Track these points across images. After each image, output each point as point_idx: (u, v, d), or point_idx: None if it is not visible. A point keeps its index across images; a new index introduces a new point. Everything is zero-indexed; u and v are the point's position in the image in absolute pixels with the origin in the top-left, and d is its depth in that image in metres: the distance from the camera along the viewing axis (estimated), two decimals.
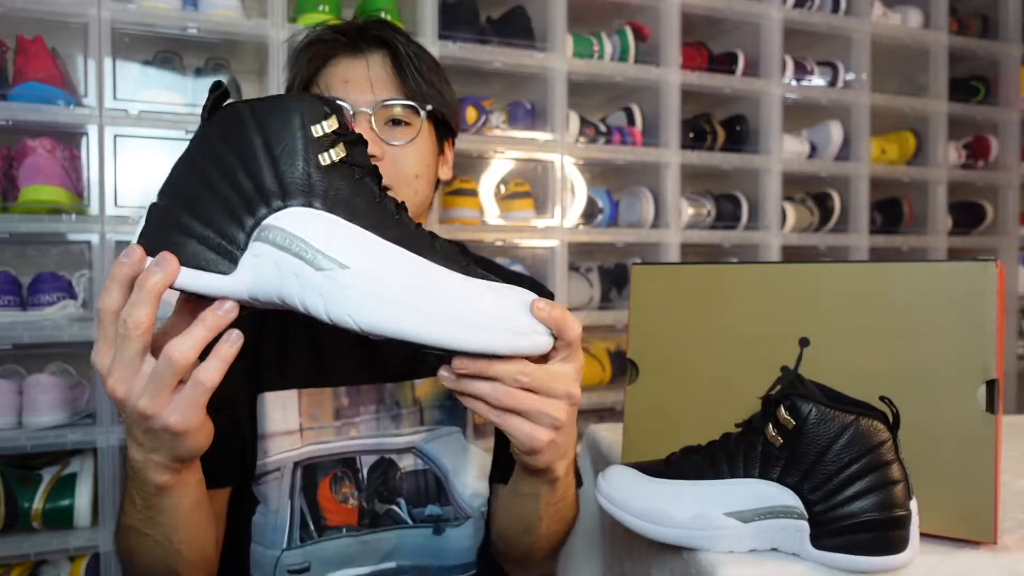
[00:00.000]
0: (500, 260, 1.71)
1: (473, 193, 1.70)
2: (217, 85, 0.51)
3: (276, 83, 1.44)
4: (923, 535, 0.56)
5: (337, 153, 0.50)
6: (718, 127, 1.94)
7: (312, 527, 0.78)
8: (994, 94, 2.27)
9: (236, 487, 0.79)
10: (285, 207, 0.49)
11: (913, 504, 0.54)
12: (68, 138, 1.40)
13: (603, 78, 1.79)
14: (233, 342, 0.49)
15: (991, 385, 0.58)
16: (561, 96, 1.70)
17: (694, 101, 1.96)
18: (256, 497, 0.78)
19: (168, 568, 0.65)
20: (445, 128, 0.86)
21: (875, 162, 2.07)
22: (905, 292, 0.62)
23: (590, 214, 1.80)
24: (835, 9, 2.00)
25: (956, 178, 2.17)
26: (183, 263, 0.48)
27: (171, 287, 0.49)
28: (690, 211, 1.89)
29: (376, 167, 0.53)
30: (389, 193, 0.54)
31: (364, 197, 0.50)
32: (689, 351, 0.72)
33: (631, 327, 0.75)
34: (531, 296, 0.51)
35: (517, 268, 1.71)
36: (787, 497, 0.55)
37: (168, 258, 0.48)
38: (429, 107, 0.80)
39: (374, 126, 0.77)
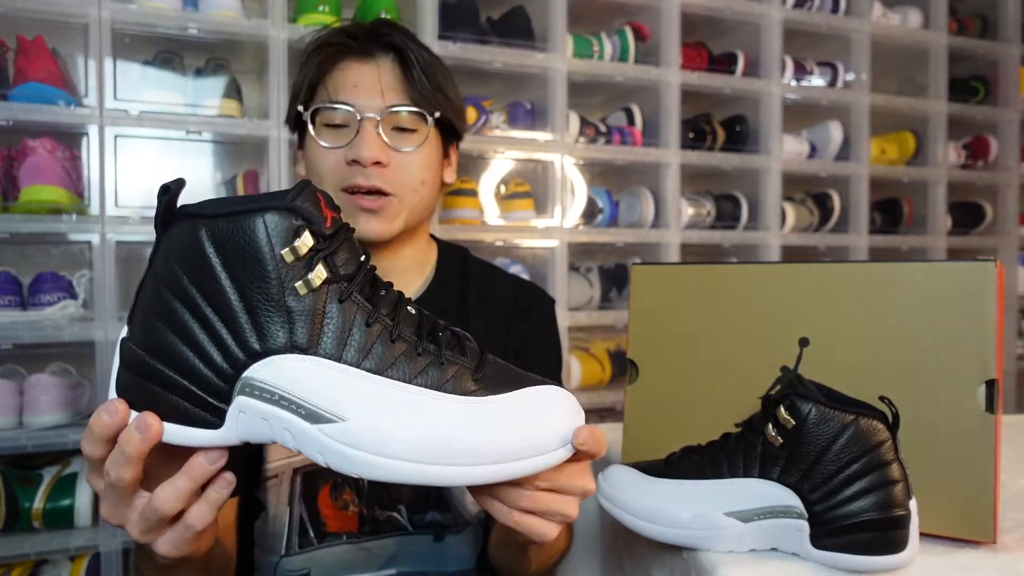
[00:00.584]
0: (500, 260, 1.72)
1: (473, 193, 1.70)
2: (164, 189, 0.44)
3: (276, 83, 1.44)
4: (923, 535, 0.56)
5: (317, 277, 0.43)
6: (718, 127, 1.94)
7: (312, 534, 0.78)
8: (994, 94, 2.27)
9: (244, 493, 0.79)
10: (264, 354, 0.43)
11: (913, 504, 0.54)
12: (68, 138, 1.40)
13: (603, 78, 1.79)
14: (223, 488, 0.46)
15: (991, 385, 0.58)
16: (561, 96, 1.70)
17: (694, 101, 1.96)
18: (258, 502, 0.78)
19: None
20: (451, 133, 0.86)
21: (875, 162, 2.07)
22: (905, 292, 0.62)
23: (590, 214, 1.80)
24: (835, 9, 2.01)
25: (956, 178, 2.17)
26: (167, 418, 0.44)
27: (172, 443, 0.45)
28: (690, 211, 1.89)
29: (365, 263, 0.46)
30: (383, 283, 0.47)
31: (355, 324, 0.43)
32: (689, 351, 0.72)
33: (631, 327, 0.76)
34: (555, 400, 0.46)
35: (517, 268, 1.71)
36: (787, 497, 0.55)
37: (149, 422, 0.43)
38: (437, 114, 0.80)
39: (381, 132, 0.77)
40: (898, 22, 2.13)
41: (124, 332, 0.46)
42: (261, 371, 0.43)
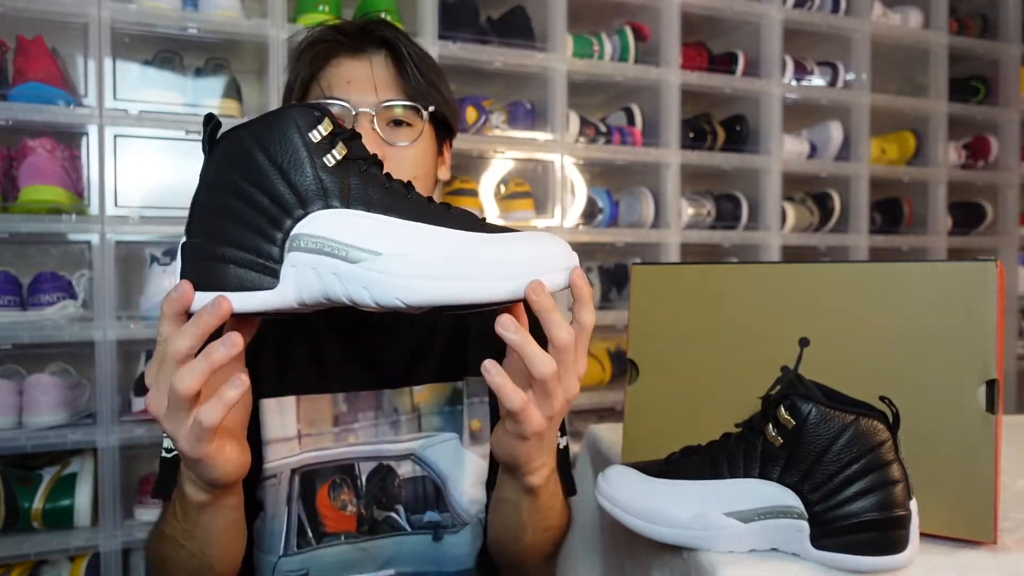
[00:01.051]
0: None
1: (473, 193, 1.70)
2: (209, 118, 0.54)
3: (276, 83, 1.44)
4: (923, 535, 0.56)
5: (339, 152, 0.53)
6: (718, 127, 1.94)
7: (310, 534, 0.78)
8: (994, 94, 2.27)
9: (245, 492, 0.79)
10: (307, 214, 0.51)
11: (913, 504, 0.54)
12: (68, 138, 1.40)
13: (603, 78, 1.79)
14: (236, 386, 0.50)
15: (991, 385, 0.58)
16: (561, 96, 1.70)
17: (694, 101, 1.96)
18: (257, 503, 0.78)
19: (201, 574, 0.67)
20: (445, 129, 0.85)
21: (875, 162, 2.07)
22: (905, 292, 0.62)
23: (590, 214, 1.80)
24: (835, 9, 2.01)
25: (956, 178, 2.17)
26: (229, 288, 0.51)
27: (236, 311, 0.52)
28: (690, 211, 1.89)
29: (375, 155, 0.55)
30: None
31: (375, 186, 0.53)
32: (689, 351, 0.72)
33: (631, 327, 0.75)
34: (547, 236, 0.53)
35: None
36: (787, 497, 0.55)
37: (221, 302, 0.50)
38: (431, 108, 0.80)
39: (376, 127, 0.77)
40: (898, 22, 2.13)
41: (183, 240, 0.54)
42: (305, 226, 0.51)
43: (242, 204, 0.52)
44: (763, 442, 0.56)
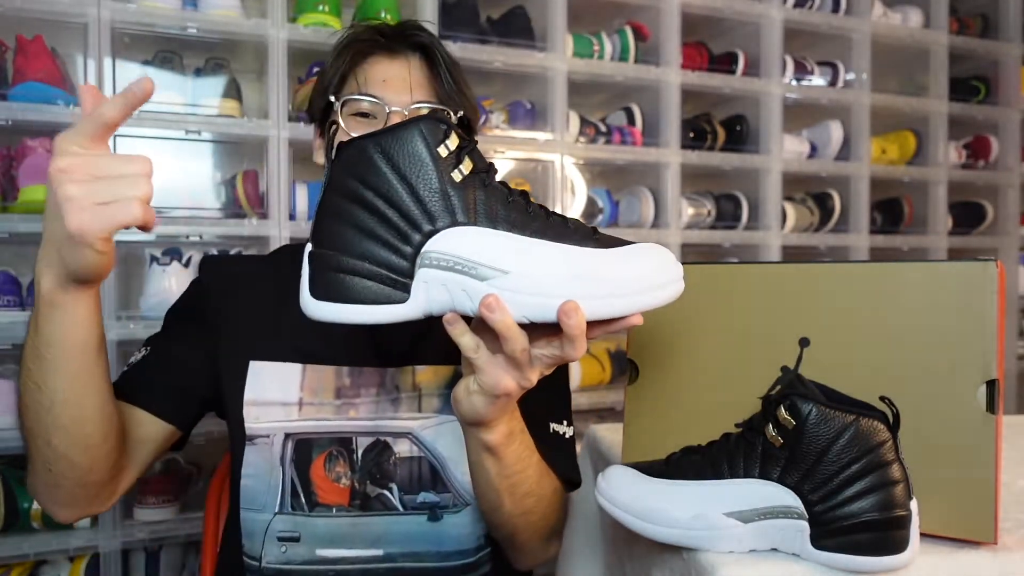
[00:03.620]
0: None
1: None
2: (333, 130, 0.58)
3: (276, 83, 1.44)
4: (923, 535, 0.56)
5: (466, 167, 0.54)
6: (718, 127, 1.94)
7: (303, 499, 0.80)
8: (994, 94, 2.27)
9: (231, 453, 0.81)
10: (436, 231, 0.53)
11: (913, 504, 0.54)
12: None
13: (603, 78, 1.79)
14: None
15: (991, 385, 0.58)
16: (561, 96, 1.70)
17: (694, 101, 1.96)
18: (246, 459, 0.80)
19: (44, 431, 0.65)
20: (468, 132, 0.88)
21: (875, 162, 2.07)
22: (905, 292, 0.62)
23: (590, 214, 1.80)
24: (835, 9, 2.00)
25: (956, 178, 2.17)
26: (359, 301, 0.53)
27: (365, 323, 0.54)
28: (690, 211, 1.89)
29: (492, 164, 0.56)
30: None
31: (499, 200, 0.54)
32: (689, 351, 0.72)
33: None
34: (655, 250, 0.56)
35: None
36: (787, 497, 0.55)
37: (145, 83, 0.52)
38: (460, 113, 0.83)
39: None
40: (899, 22, 2.12)
41: (309, 247, 0.55)
42: (436, 244, 0.53)
43: (370, 216, 0.53)
44: (763, 442, 0.56)
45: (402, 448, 0.82)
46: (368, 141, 0.54)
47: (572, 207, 1.76)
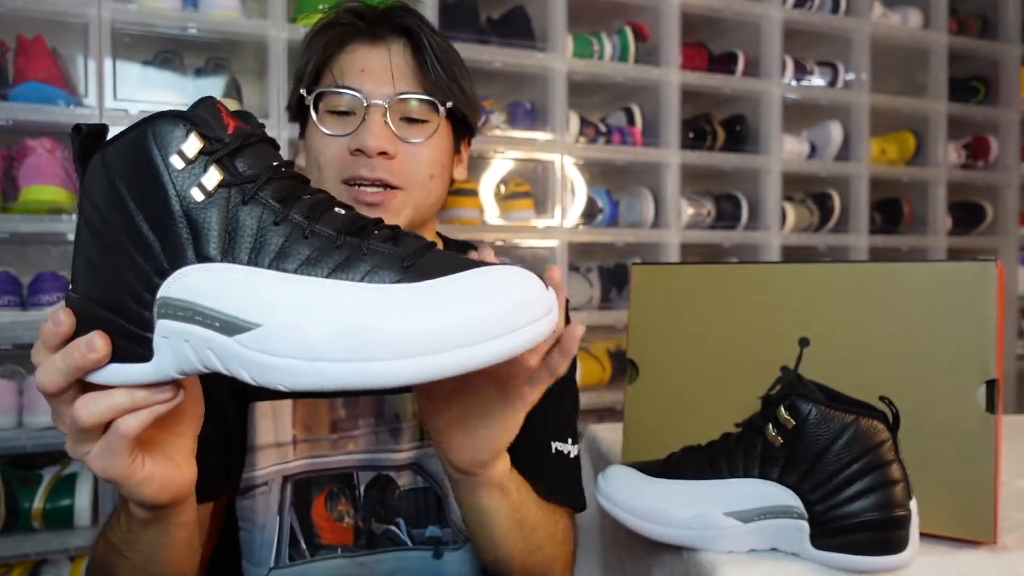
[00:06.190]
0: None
1: (473, 193, 1.70)
2: (76, 130, 0.42)
3: (276, 83, 1.44)
4: (923, 535, 0.56)
5: (211, 180, 0.40)
6: (718, 127, 1.94)
7: (304, 546, 0.74)
8: (994, 94, 2.27)
9: (230, 500, 0.75)
10: (171, 271, 0.40)
11: (913, 504, 0.54)
12: (68, 138, 1.40)
13: (603, 78, 1.79)
14: (167, 398, 0.43)
15: (991, 385, 0.58)
16: (561, 96, 1.70)
17: (694, 101, 1.96)
18: (240, 513, 0.74)
19: None
20: (464, 127, 0.81)
21: (875, 162, 2.07)
22: (905, 292, 0.62)
23: (590, 214, 1.80)
24: (835, 9, 2.00)
25: (956, 178, 2.17)
26: (114, 359, 0.42)
27: (102, 381, 0.42)
28: (690, 211, 1.89)
29: (279, 162, 0.43)
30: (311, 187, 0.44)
31: (263, 220, 0.40)
32: (689, 351, 0.72)
33: (631, 327, 0.75)
34: (514, 281, 0.39)
35: None
36: (787, 497, 0.55)
37: (97, 343, 0.41)
38: (449, 104, 0.75)
39: (389, 120, 0.72)
40: (898, 22, 2.13)
41: (68, 292, 0.45)
42: (172, 288, 0.39)
43: (110, 251, 0.41)
44: (763, 442, 0.56)
45: (405, 480, 0.76)
46: (98, 154, 0.41)
47: (572, 207, 1.76)
